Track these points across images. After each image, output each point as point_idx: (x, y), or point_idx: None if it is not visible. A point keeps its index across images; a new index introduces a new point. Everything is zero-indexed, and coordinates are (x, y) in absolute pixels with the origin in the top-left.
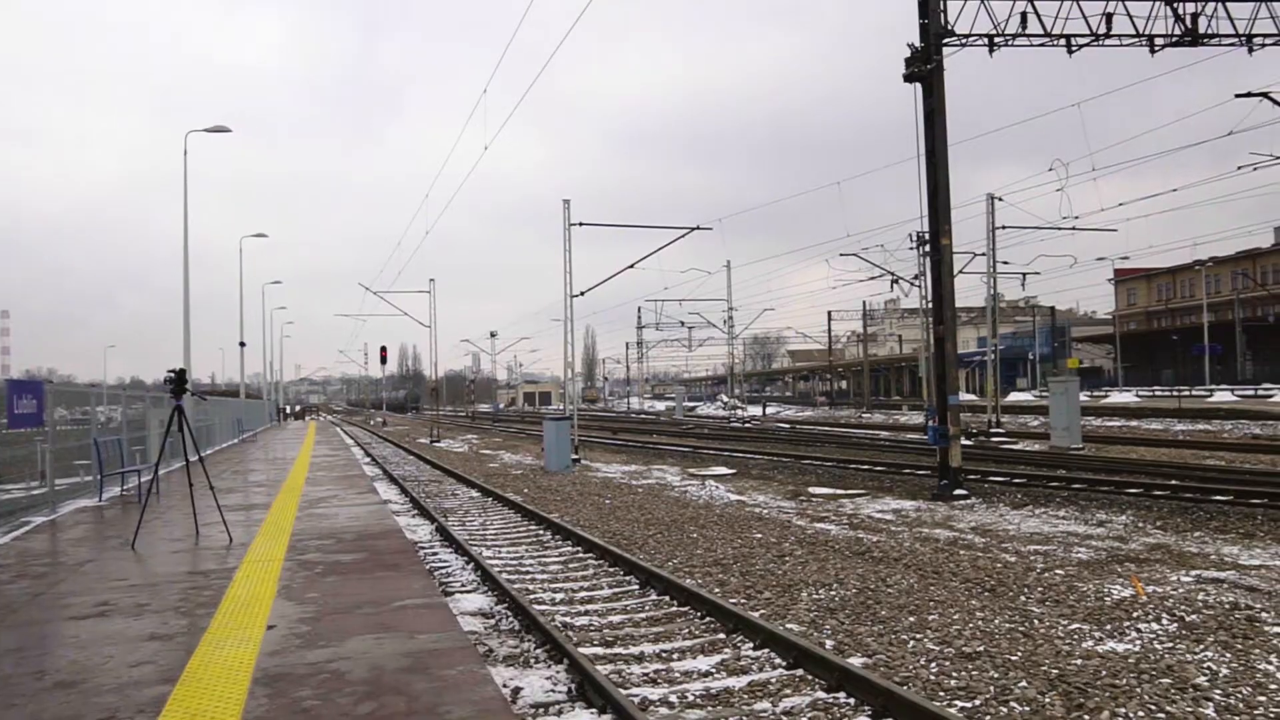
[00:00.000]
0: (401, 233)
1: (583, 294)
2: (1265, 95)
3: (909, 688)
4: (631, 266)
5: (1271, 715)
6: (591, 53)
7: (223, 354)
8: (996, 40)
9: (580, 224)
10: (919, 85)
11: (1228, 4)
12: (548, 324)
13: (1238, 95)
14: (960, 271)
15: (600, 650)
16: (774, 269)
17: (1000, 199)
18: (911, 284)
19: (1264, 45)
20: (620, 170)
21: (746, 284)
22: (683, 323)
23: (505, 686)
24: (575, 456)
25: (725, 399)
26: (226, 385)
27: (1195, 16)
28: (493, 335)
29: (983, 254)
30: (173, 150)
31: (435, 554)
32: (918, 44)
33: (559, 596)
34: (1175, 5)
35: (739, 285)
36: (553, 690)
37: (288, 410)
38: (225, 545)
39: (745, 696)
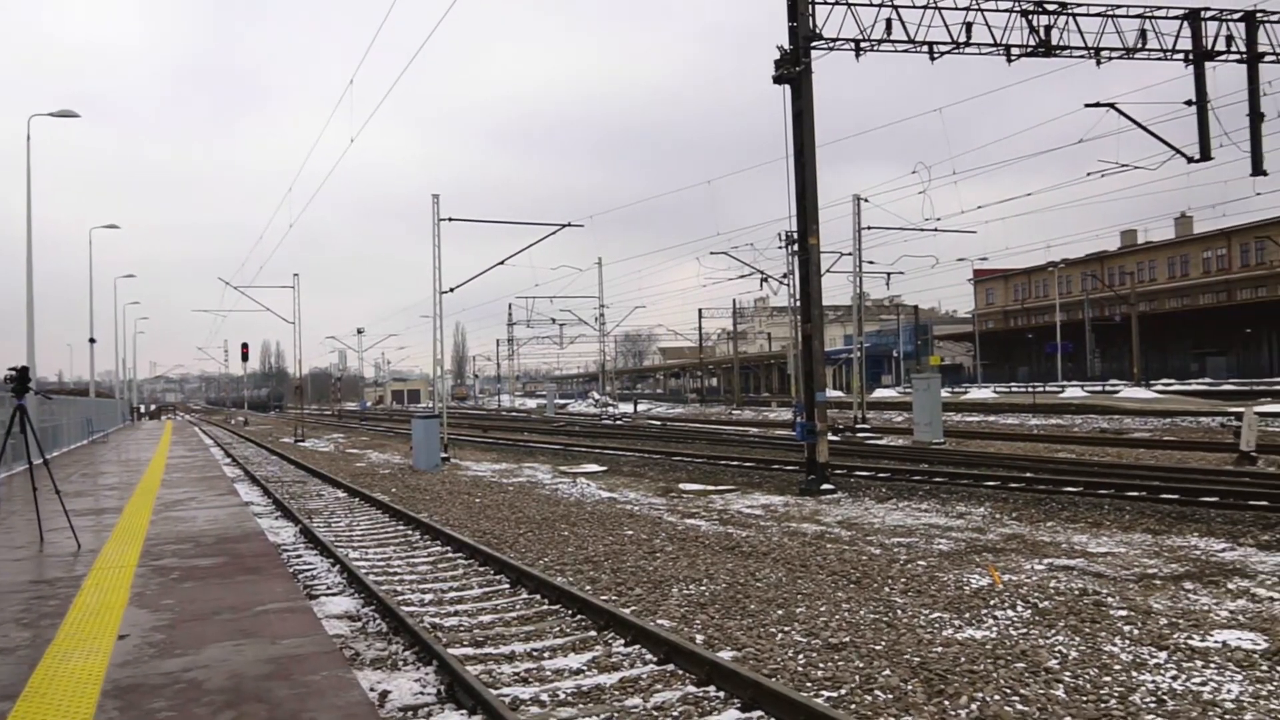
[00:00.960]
0: (264, 226)
1: (452, 290)
2: (1112, 106)
3: (777, 679)
4: (502, 263)
5: (1116, 694)
6: (465, 48)
7: (71, 351)
8: (863, 45)
9: (450, 219)
10: (788, 87)
11: (1078, 19)
12: (417, 320)
13: (1087, 105)
14: (828, 270)
15: (471, 651)
16: (645, 267)
17: (866, 200)
18: (780, 282)
19: (1110, 59)
20: (493, 167)
21: (618, 281)
22: (554, 320)
23: (373, 690)
24: (445, 455)
25: (597, 396)
26: (75, 384)
27: (1048, 29)
28: (359, 332)
29: (849, 253)
30: (13, 135)
31: (299, 556)
32: (787, 46)
33: (428, 597)
34: (1030, 17)
35: (610, 283)
36: (421, 692)
37: (142, 409)
38: (73, 552)
39: (617, 693)
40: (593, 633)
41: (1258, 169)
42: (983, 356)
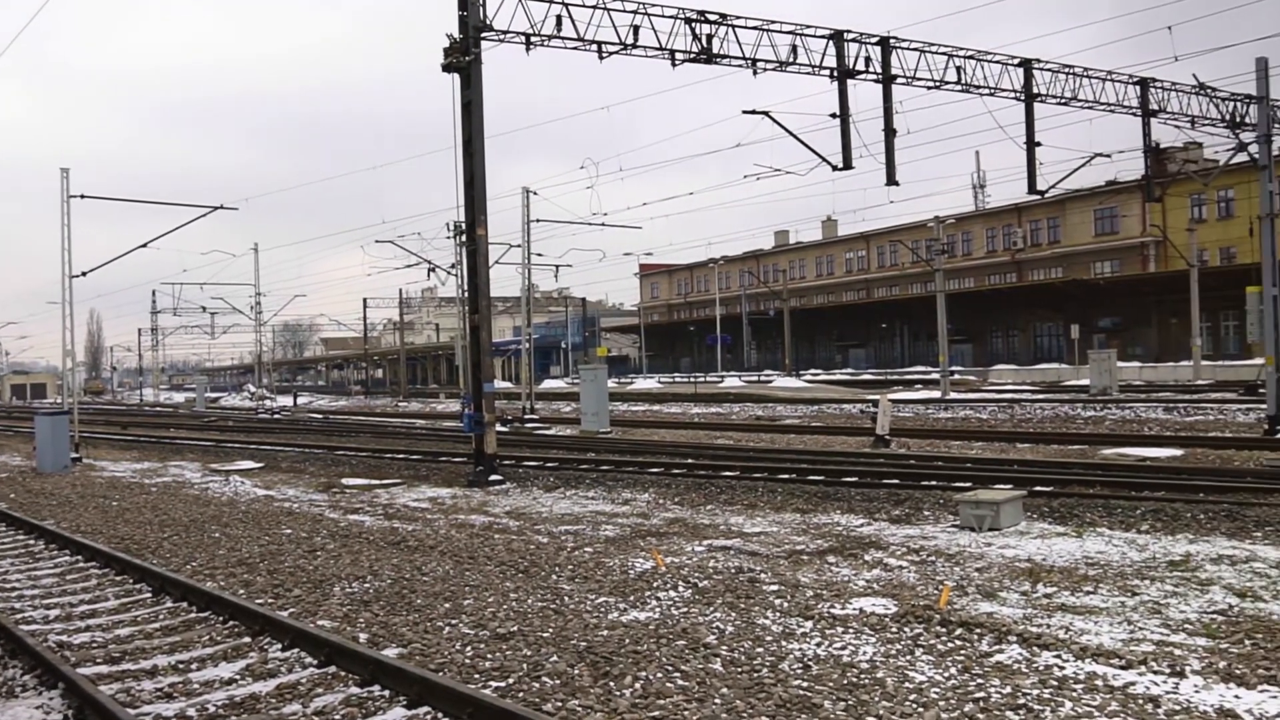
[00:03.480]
0: None
1: (85, 274)
2: (767, 114)
3: (444, 674)
4: (145, 245)
5: (768, 663)
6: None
7: None
8: (533, 39)
9: (83, 196)
10: (457, 76)
11: (737, 30)
12: (43, 307)
13: (745, 112)
14: (496, 262)
15: (105, 669)
16: (306, 254)
17: (535, 193)
18: (449, 273)
19: (766, 70)
20: (139, 145)
21: (277, 269)
22: (205, 308)
23: None
24: (76, 455)
25: (253, 389)
26: None
27: (710, 37)
28: None
29: (518, 245)
30: None
31: None
32: (457, 35)
33: (54, 613)
34: (694, 25)
35: (268, 270)
36: None
37: None
38: None
39: (274, 701)
40: (247, 639)
41: (891, 179)
42: (648, 348)
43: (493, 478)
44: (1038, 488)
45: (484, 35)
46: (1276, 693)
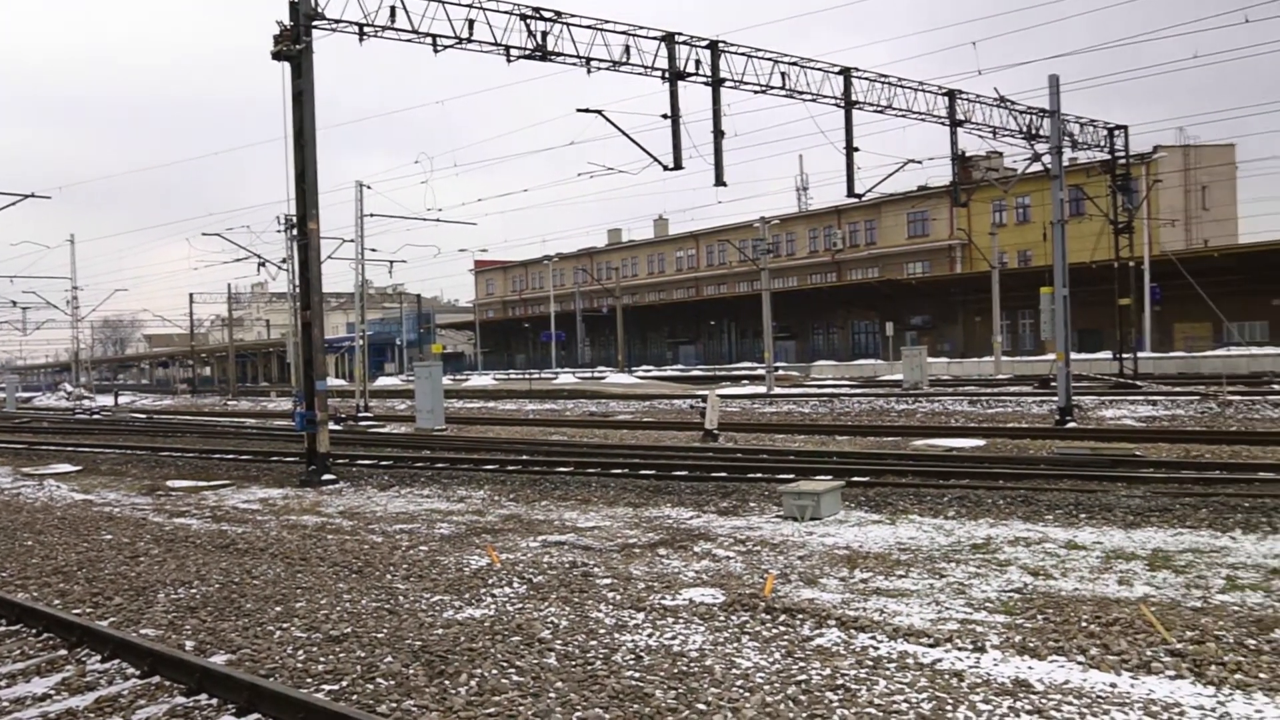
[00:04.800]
0: None
1: None
2: (600, 113)
3: (275, 679)
4: None
5: (601, 655)
6: None
7: None
8: (367, 30)
9: None
10: (288, 65)
11: (572, 29)
12: None
13: (579, 110)
14: (329, 257)
15: None
16: (127, 246)
17: (369, 187)
18: (280, 267)
19: (600, 69)
20: None
21: (95, 261)
22: (15, 303)
23: None
24: None
25: (70, 388)
26: None
27: (545, 34)
28: None
29: (352, 240)
30: None
31: None
32: (287, 23)
33: None
34: (528, 22)
35: (87, 262)
36: None
37: None
38: None
39: (92, 715)
40: (63, 651)
41: (719, 180)
42: (483, 345)
43: (326, 477)
44: (855, 478)
45: (315, 24)
46: (1065, 662)
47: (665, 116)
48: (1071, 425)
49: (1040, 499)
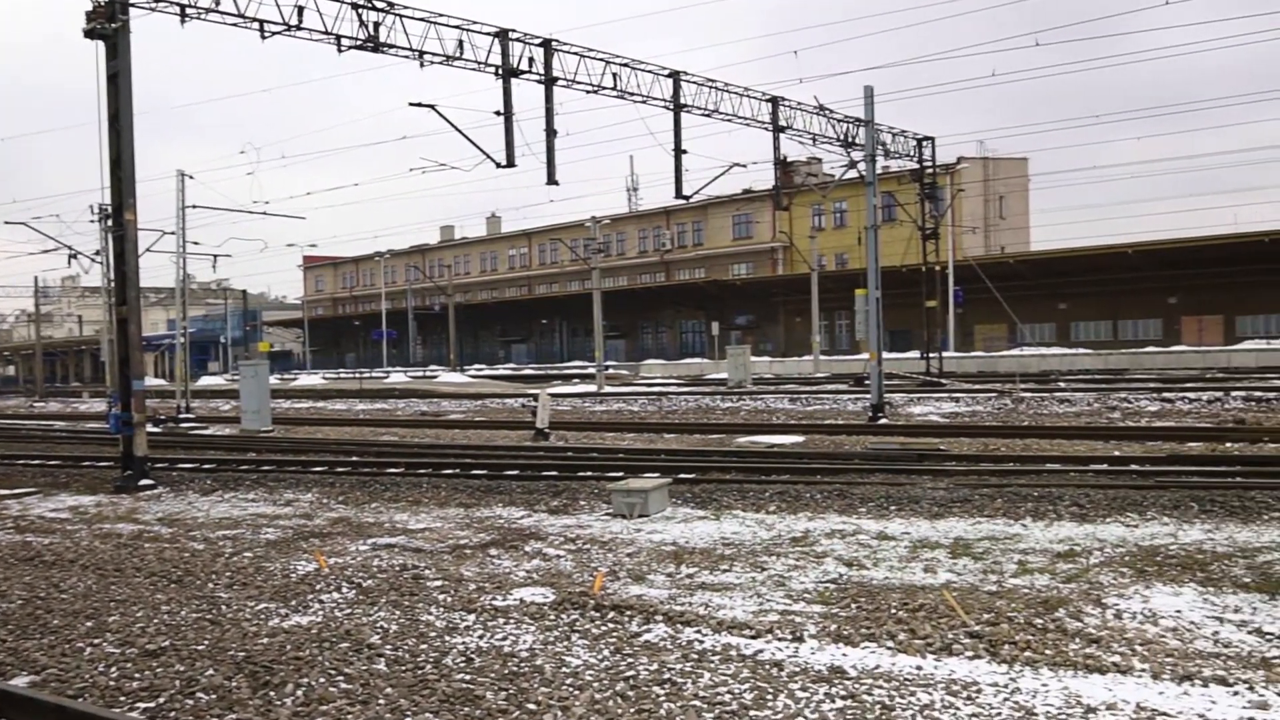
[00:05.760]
0: None
1: None
2: (433, 107)
3: (85, 699)
4: None
5: (431, 659)
6: None
7: None
8: (189, 11)
9: None
10: (102, 44)
11: (405, 20)
12: None
13: (411, 104)
14: (147, 250)
15: None
16: None
17: (191, 177)
18: (93, 260)
19: (433, 63)
20: None
21: None
22: None
23: None
24: None
25: None
26: None
27: (377, 25)
28: None
29: (172, 232)
30: None
31: None
32: None
33: None
34: (360, 11)
35: None
36: None
37: None
38: None
39: None
40: None
41: (551, 179)
42: (313, 343)
43: (143, 482)
44: (682, 475)
45: (133, 2)
46: (876, 648)
47: (498, 113)
48: (883, 422)
49: (855, 492)
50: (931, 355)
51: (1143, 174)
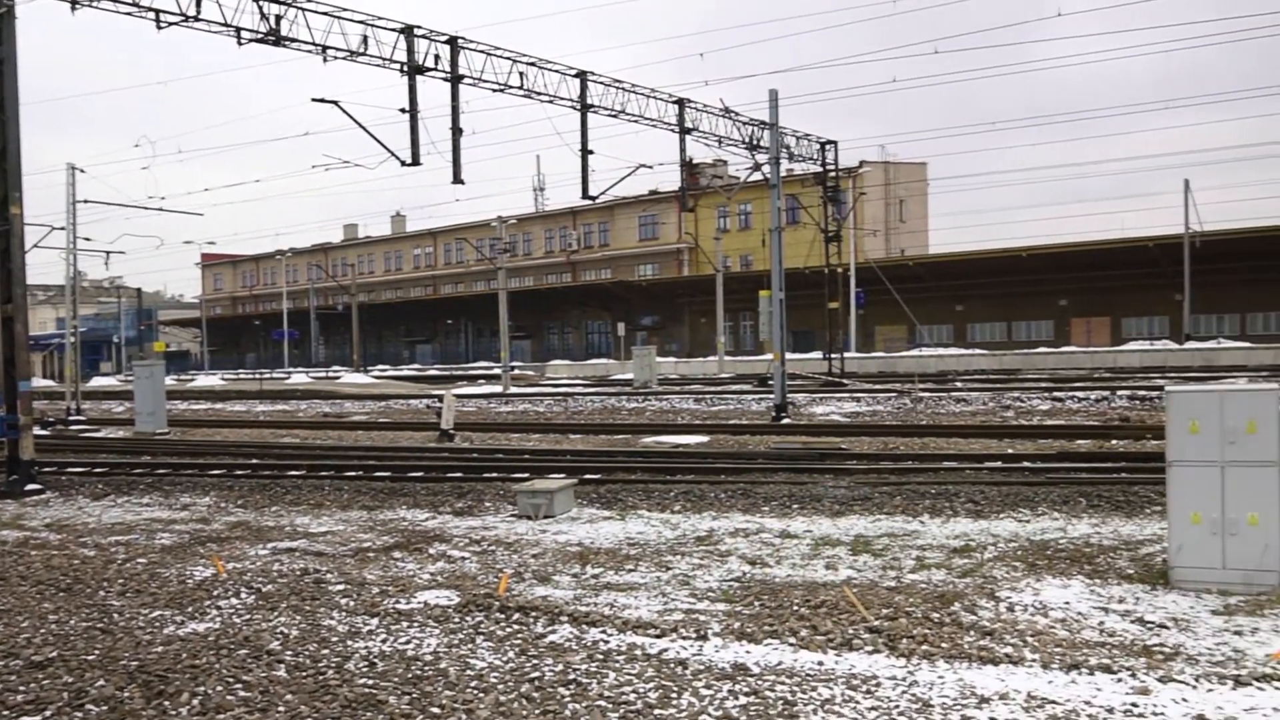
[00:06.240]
0: None
1: None
2: (336, 103)
3: None
4: None
5: (333, 664)
6: None
7: None
8: None
9: None
10: None
11: (308, 14)
12: None
13: (314, 99)
14: (35, 245)
15: None
16: None
17: (83, 170)
18: None
19: (336, 58)
20: None
21: None
22: None
23: None
24: None
25: None
26: None
27: (279, 18)
28: None
29: (62, 228)
30: None
31: None
32: None
33: None
34: (261, 4)
35: None
36: None
37: None
38: None
39: None
40: None
41: (457, 177)
42: (211, 343)
43: (30, 487)
44: (588, 475)
45: None
46: (779, 645)
47: (404, 111)
48: (786, 421)
49: (758, 491)
50: (834, 356)
51: (1036, 180)
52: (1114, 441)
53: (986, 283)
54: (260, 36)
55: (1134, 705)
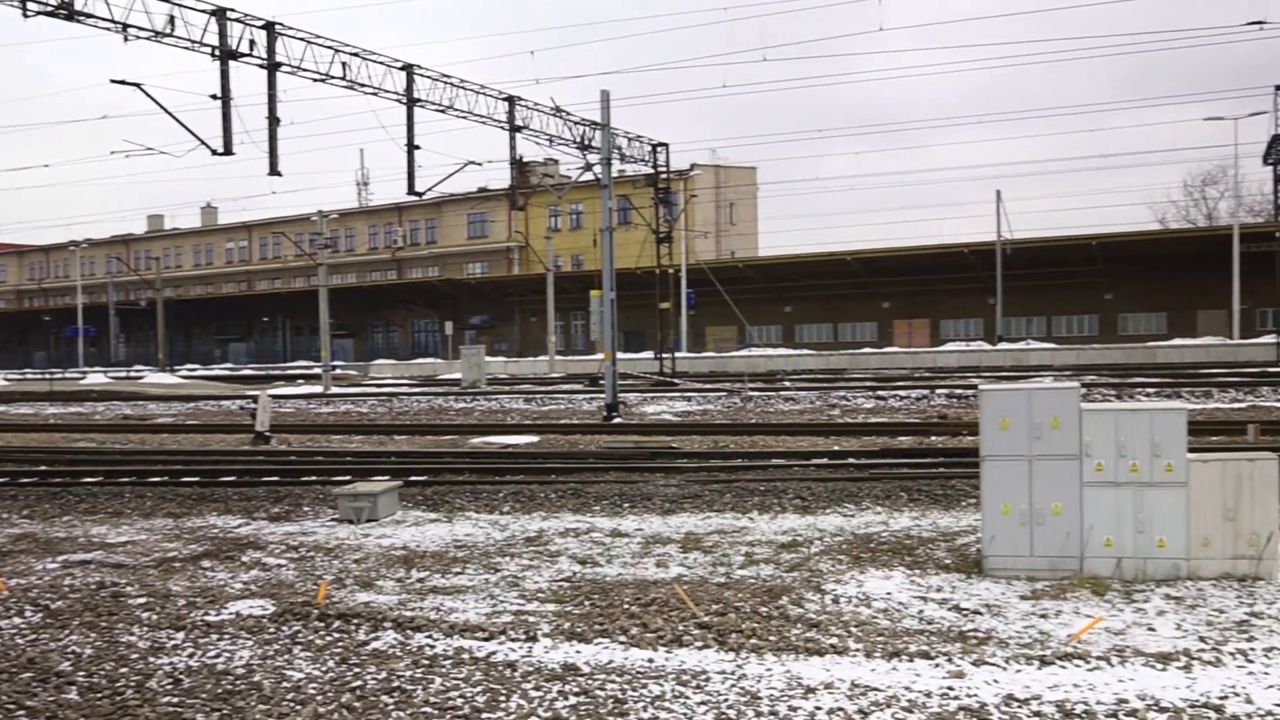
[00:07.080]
0: None
1: None
2: (139, 86)
3: None
4: None
5: (133, 683)
6: None
7: None
8: None
9: None
10: None
11: None
12: None
13: (114, 81)
14: None
15: None
16: None
17: None
18: None
19: (138, 38)
20: None
21: None
22: None
23: None
24: None
25: None
26: None
27: None
28: None
29: None
30: None
31: None
32: None
33: None
34: None
35: None
36: None
37: None
38: None
39: None
40: None
41: (274, 169)
42: None
43: None
44: (413, 477)
45: None
46: (609, 644)
47: (215, 97)
48: (618, 421)
49: (589, 491)
50: (665, 356)
51: (859, 187)
52: (933, 438)
53: (814, 285)
54: (51, 9)
55: (950, 689)
